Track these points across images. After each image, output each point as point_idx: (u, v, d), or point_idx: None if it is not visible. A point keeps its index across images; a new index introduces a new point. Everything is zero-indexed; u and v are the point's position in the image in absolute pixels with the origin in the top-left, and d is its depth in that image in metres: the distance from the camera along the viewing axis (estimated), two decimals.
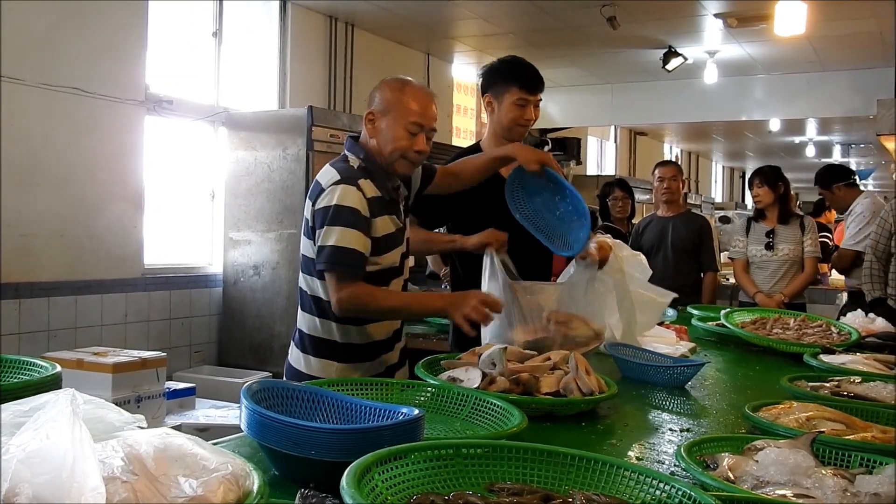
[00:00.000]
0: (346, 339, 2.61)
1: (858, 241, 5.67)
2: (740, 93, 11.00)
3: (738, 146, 18.08)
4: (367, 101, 2.65)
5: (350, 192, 2.48)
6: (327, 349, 2.62)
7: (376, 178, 2.58)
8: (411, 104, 2.55)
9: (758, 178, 5.49)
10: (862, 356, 2.95)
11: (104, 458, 1.02)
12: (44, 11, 5.31)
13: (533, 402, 2.08)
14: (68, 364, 4.24)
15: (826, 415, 1.94)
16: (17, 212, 5.15)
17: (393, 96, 2.56)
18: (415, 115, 2.54)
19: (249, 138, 6.58)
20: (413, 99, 2.56)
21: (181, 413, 4.82)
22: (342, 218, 2.45)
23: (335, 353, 2.62)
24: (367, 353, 2.64)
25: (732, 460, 1.57)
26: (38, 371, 1.89)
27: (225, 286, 6.73)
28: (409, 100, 2.55)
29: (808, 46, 9.07)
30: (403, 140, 2.54)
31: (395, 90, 2.58)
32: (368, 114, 2.60)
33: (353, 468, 1.18)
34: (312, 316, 2.64)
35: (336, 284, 2.46)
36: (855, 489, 1.44)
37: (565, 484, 1.37)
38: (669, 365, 2.71)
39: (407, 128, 2.53)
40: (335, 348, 2.62)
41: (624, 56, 9.81)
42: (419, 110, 2.55)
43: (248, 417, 1.50)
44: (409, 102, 2.55)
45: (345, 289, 2.45)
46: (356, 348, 2.62)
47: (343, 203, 2.46)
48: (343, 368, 2.60)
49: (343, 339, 2.61)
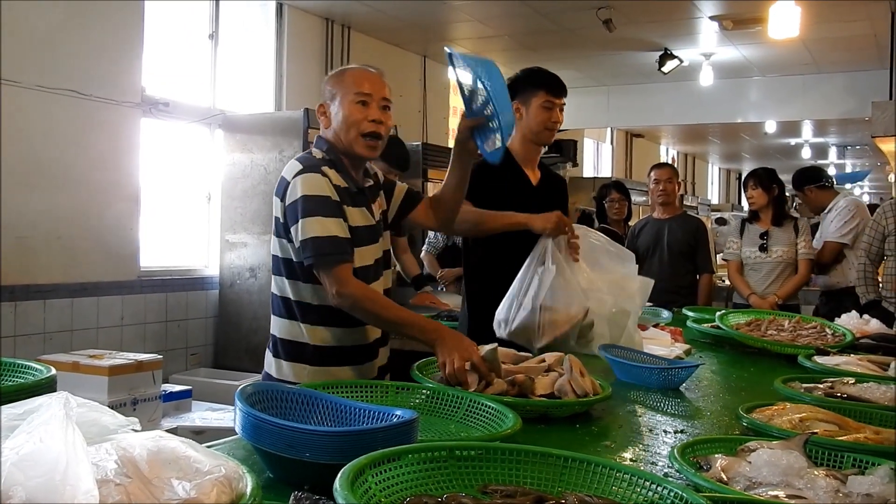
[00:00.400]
0: (316, 342, 2.54)
1: (844, 234, 5.65)
2: (736, 95, 11.03)
3: (734, 148, 18.10)
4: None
5: (316, 178, 2.45)
6: (298, 352, 2.56)
7: (341, 168, 2.54)
8: (353, 80, 2.55)
9: (752, 180, 5.51)
10: (856, 357, 2.96)
11: (97, 460, 1.02)
12: (41, 13, 5.31)
13: (527, 405, 2.09)
14: (64, 367, 4.24)
15: (819, 416, 1.94)
16: (13, 214, 5.15)
17: (335, 81, 2.59)
18: (358, 87, 2.53)
19: (246, 140, 6.58)
20: (353, 76, 2.57)
21: (177, 416, 4.83)
22: (315, 207, 2.41)
23: (306, 356, 2.55)
24: (341, 357, 2.57)
25: (725, 461, 1.58)
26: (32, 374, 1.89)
27: (221, 288, 6.73)
28: (350, 78, 2.56)
29: (803, 49, 9.09)
30: (355, 114, 2.51)
31: (336, 76, 2.61)
32: (319, 107, 2.61)
33: (346, 470, 1.18)
34: (282, 318, 2.59)
35: (334, 276, 2.39)
36: (847, 490, 1.44)
37: (559, 485, 1.37)
38: (664, 367, 2.71)
39: (355, 102, 2.52)
40: (306, 351, 2.55)
41: (620, 58, 9.83)
42: (362, 82, 2.55)
43: (242, 420, 1.50)
44: (351, 79, 2.56)
45: (347, 281, 2.39)
46: (328, 351, 2.55)
47: (312, 192, 2.43)
48: (315, 372, 2.53)
49: (313, 341, 2.54)
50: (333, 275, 2.40)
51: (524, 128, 3.44)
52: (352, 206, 2.52)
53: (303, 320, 2.55)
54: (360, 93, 2.52)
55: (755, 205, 5.49)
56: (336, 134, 2.56)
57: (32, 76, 5.28)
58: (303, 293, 2.54)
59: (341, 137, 2.54)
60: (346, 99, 2.53)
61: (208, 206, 6.89)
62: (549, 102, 3.40)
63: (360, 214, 2.55)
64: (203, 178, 6.89)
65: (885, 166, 12.19)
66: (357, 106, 2.52)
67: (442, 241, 5.62)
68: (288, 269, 2.55)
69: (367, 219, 2.59)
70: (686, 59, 9.50)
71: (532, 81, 3.44)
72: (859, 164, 19.84)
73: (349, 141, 2.53)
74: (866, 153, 16.87)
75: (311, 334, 2.54)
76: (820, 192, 5.93)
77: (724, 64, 9.88)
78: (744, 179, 5.69)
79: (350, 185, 2.55)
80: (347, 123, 2.52)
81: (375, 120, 2.53)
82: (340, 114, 2.53)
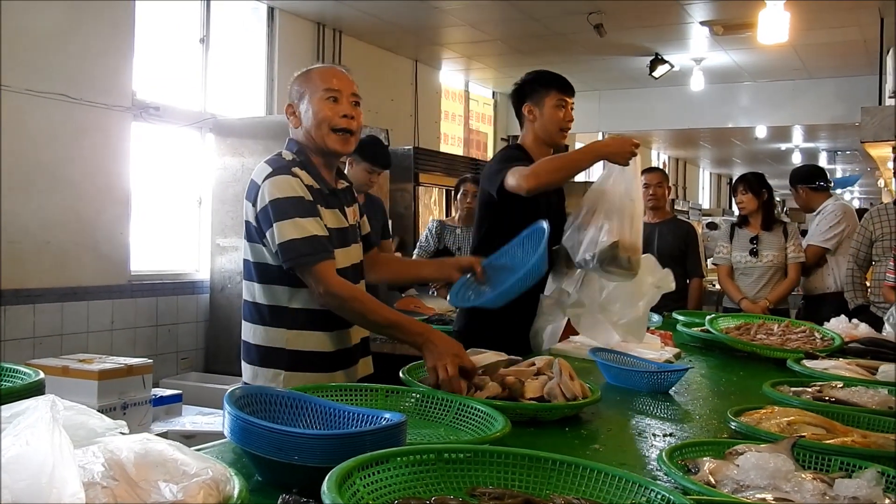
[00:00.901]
0: (291, 347, 2.50)
1: (827, 239, 5.62)
2: (727, 100, 11.07)
3: (725, 153, 18.16)
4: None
5: (286, 180, 2.41)
6: (273, 358, 2.52)
7: (311, 170, 2.51)
8: (321, 77, 2.54)
9: (742, 186, 5.52)
10: (844, 361, 2.96)
11: (84, 463, 1.03)
12: (31, 16, 5.30)
13: (517, 408, 2.09)
14: (54, 371, 4.23)
15: (807, 419, 1.95)
16: (2, 218, 5.13)
17: (303, 80, 2.57)
18: (326, 84, 2.51)
19: (237, 144, 6.58)
20: (320, 73, 2.56)
21: (167, 420, 4.82)
22: (288, 209, 2.37)
23: (281, 361, 2.51)
24: (317, 362, 2.52)
25: (713, 464, 1.58)
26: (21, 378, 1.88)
27: (212, 293, 6.71)
28: (318, 75, 2.55)
29: (793, 54, 9.13)
30: (325, 110, 2.49)
31: (303, 76, 2.59)
32: (287, 108, 2.59)
33: (334, 473, 1.18)
34: (255, 325, 2.56)
35: (318, 276, 2.35)
36: (834, 493, 1.45)
37: (547, 488, 1.38)
38: (653, 371, 2.72)
39: (323, 98, 2.50)
40: (281, 356, 2.51)
41: (611, 63, 9.86)
42: (330, 78, 2.53)
43: (231, 423, 1.50)
44: (319, 77, 2.54)
45: (335, 281, 2.35)
46: (304, 356, 2.51)
47: (283, 195, 2.39)
48: (290, 377, 2.48)
49: (289, 346, 2.50)
50: (317, 274, 2.36)
51: (538, 129, 3.47)
52: (324, 207, 2.49)
53: (277, 325, 2.51)
54: (329, 89, 2.50)
55: (745, 210, 5.51)
56: (307, 132, 2.53)
57: (22, 80, 5.27)
58: (278, 297, 2.50)
59: (312, 135, 2.52)
60: (315, 96, 2.51)
61: (199, 210, 6.88)
62: (561, 101, 3.45)
63: (332, 216, 2.52)
64: (194, 182, 6.88)
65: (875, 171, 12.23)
66: (327, 102, 2.50)
67: (433, 244, 5.63)
68: (260, 273, 2.52)
69: (340, 221, 2.56)
70: (677, 64, 9.54)
71: (542, 82, 3.49)
72: (849, 168, 19.93)
73: (321, 137, 2.51)
74: (856, 158, 16.95)
75: (285, 339, 2.50)
76: (811, 192, 5.87)
77: (714, 69, 9.92)
78: (733, 185, 5.70)
79: (322, 187, 2.52)
80: (318, 119, 2.49)
81: (347, 115, 2.51)
82: (311, 111, 2.51)
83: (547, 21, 8.06)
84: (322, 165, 2.57)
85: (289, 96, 2.61)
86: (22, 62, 5.27)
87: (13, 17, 5.18)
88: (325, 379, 2.48)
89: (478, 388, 2.19)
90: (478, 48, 9.33)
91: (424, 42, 9.07)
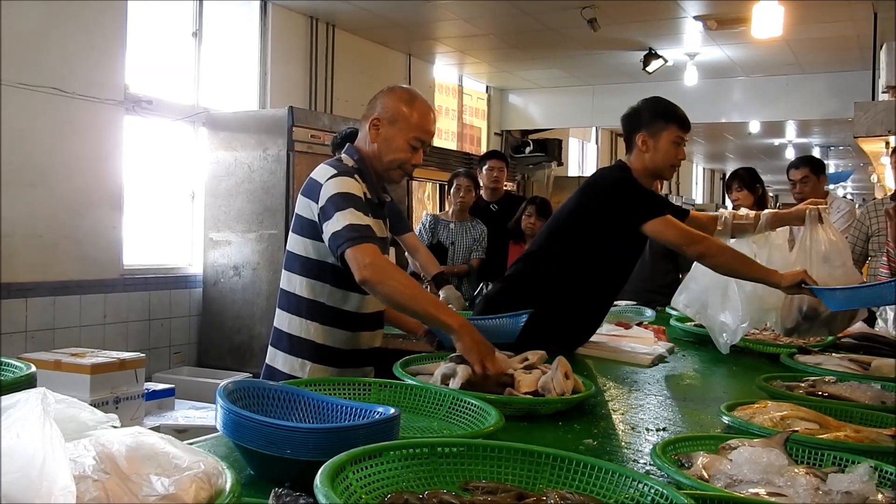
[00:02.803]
0: (322, 341, 2.59)
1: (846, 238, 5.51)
2: (720, 95, 11.07)
3: (718, 148, 18.18)
4: (370, 103, 2.63)
5: (350, 181, 2.48)
6: (302, 349, 2.61)
7: (368, 179, 2.58)
8: (419, 119, 2.57)
9: (736, 182, 5.48)
10: (837, 356, 2.97)
11: (76, 457, 1.02)
12: (23, 11, 5.27)
13: (511, 402, 2.09)
14: (46, 365, 4.21)
15: (800, 414, 1.95)
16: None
17: (401, 107, 2.57)
18: (420, 132, 2.57)
19: (230, 139, 6.56)
20: (420, 114, 2.58)
21: (160, 414, 4.80)
22: (351, 202, 2.42)
23: (310, 353, 2.60)
24: (345, 359, 2.62)
25: (707, 459, 1.58)
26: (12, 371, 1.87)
27: (205, 287, 6.70)
28: (417, 115, 2.57)
29: (786, 49, 9.13)
30: (404, 152, 2.56)
31: (404, 101, 2.58)
32: (374, 119, 2.58)
33: (326, 467, 1.18)
34: (290, 314, 2.63)
35: (362, 255, 2.34)
36: (827, 488, 1.45)
37: (540, 483, 1.37)
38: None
39: (410, 142, 2.56)
40: (310, 348, 2.60)
41: (604, 58, 9.85)
42: (425, 127, 2.58)
43: (223, 417, 1.49)
44: (417, 117, 2.57)
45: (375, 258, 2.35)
46: (333, 352, 2.60)
47: (347, 190, 2.45)
48: (316, 369, 2.58)
49: (319, 340, 2.59)
50: (363, 249, 2.35)
51: (649, 161, 3.25)
52: (373, 216, 2.53)
53: (311, 318, 2.59)
54: (419, 138, 2.57)
55: (741, 206, 5.47)
56: (378, 153, 2.58)
57: (14, 73, 5.25)
58: (317, 292, 2.58)
59: (382, 159, 2.58)
60: (404, 134, 2.56)
61: (192, 205, 6.87)
62: (679, 139, 3.27)
63: (378, 225, 2.58)
64: (187, 176, 6.87)
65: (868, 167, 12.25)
66: (410, 147, 2.57)
67: (426, 239, 5.61)
68: (302, 266, 2.59)
69: (383, 231, 2.65)
70: (670, 59, 9.54)
71: (664, 115, 3.30)
72: (842, 164, 19.96)
73: (386, 167, 2.59)
74: (849, 154, 16.98)
75: (317, 333, 2.59)
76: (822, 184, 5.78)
77: (708, 64, 9.92)
78: (727, 181, 5.65)
79: (373, 197, 2.60)
80: (395, 155, 2.57)
81: (416, 165, 2.63)
82: (393, 143, 2.56)
83: (540, 15, 8.05)
84: (378, 180, 2.65)
85: (373, 106, 2.62)
86: (14, 56, 5.25)
87: (5, 11, 5.15)
88: (350, 374, 2.55)
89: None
90: (471, 42, 9.31)
91: (418, 36, 9.06)
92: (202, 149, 6.77)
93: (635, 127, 3.32)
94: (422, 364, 2.42)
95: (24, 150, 5.33)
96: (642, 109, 3.36)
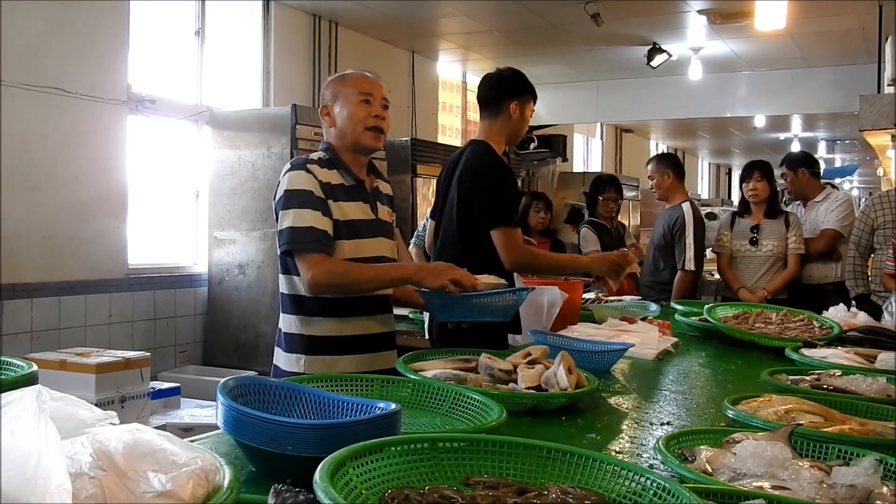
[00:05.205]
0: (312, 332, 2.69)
1: (844, 226, 5.48)
2: (725, 89, 11.04)
3: (723, 143, 18.14)
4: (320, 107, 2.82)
5: (298, 175, 2.62)
6: (295, 343, 2.71)
7: (339, 165, 2.72)
8: (354, 83, 2.77)
9: (757, 172, 5.35)
10: (843, 350, 2.96)
11: (72, 454, 1.01)
12: (26, 11, 5.28)
13: (514, 397, 2.08)
14: (51, 365, 4.23)
15: (805, 407, 1.94)
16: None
17: (337, 84, 2.79)
18: (360, 88, 2.74)
19: (233, 137, 6.56)
20: (353, 79, 2.78)
21: (166, 413, 4.81)
22: (294, 200, 2.57)
23: (302, 346, 2.70)
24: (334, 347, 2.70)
25: (710, 453, 1.57)
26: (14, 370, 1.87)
27: (210, 286, 6.71)
28: (351, 80, 2.78)
29: (791, 43, 9.10)
30: (359, 112, 2.71)
31: (337, 80, 2.82)
32: (322, 108, 2.80)
33: (326, 463, 1.17)
34: (283, 313, 2.76)
35: (305, 263, 2.54)
36: (831, 481, 1.43)
37: (542, 477, 1.36)
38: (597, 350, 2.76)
39: (357, 100, 2.72)
40: (304, 342, 2.70)
41: (608, 53, 9.83)
42: (361, 85, 2.76)
43: (224, 414, 1.49)
44: (352, 82, 2.77)
45: (316, 266, 2.52)
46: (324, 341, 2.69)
47: (292, 187, 2.59)
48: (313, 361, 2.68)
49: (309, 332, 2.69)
50: (304, 261, 2.55)
51: (511, 128, 3.51)
52: (346, 199, 2.67)
53: (295, 312, 2.71)
54: (362, 92, 2.73)
55: (758, 197, 5.37)
56: (341, 131, 2.74)
57: (17, 74, 5.25)
58: (295, 286, 2.69)
59: (347, 134, 2.72)
60: (349, 99, 2.73)
61: (196, 203, 6.87)
62: (532, 110, 3.59)
63: (356, 208, 2.70)
64: (191, 175, 6.86)
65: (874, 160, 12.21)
66: (361, 104, 2.72)
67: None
68: (281, 263, 2.73)
69: (367, 213, 2.74)
70: (675, 54, 9.50)
71: (529, 88, 3.56)
72: (848, 158, 19.91)
73: (355, 135, 2.72)
74: (855, 147, 16.92)
75: (303, 325, 2.69)
76: (812, 179, 5.77)
77: (712, 58, 9.89)
78: (744, 171, 5.52)
79: (345, 180, 2.70)
80: (353, 120, 2.71)
81: (378, 115, 2.74)
82: (345, 112, 2.73)
83: (544, 11, 8.03)
84: (353, 162, 2.76)
85: (322, 99, 2.84)
86: (17, 57, 5.25)
87: (8, 11, 5.16)
88: (343, 361, 2.67)
89: None
90: (475, 39, 9.30)
91: (421, 33, 9.04)
92: (206, 148, 6.77)
93: (507, 93, 3.50)
94: (426, 360, 2.42)
95: (28, 152, 5.34)
96: (513, 79, 3.56)
